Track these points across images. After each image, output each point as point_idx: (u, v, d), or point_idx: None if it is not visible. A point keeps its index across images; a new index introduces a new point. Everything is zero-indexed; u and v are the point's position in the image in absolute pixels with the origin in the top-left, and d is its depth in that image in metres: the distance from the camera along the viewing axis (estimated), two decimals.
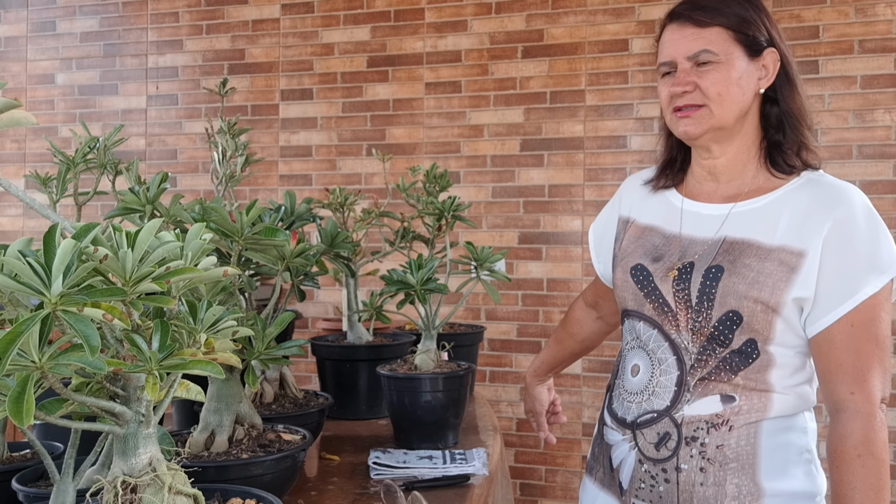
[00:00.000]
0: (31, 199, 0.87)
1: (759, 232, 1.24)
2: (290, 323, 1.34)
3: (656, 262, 1.32)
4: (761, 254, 1.22)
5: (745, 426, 1.22)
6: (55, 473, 0.96)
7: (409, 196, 2.11)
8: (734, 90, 1.24)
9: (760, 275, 1.20)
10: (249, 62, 3.80)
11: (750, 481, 1.22)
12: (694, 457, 1.24)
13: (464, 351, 2.21)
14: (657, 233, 1.36)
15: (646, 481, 1.28)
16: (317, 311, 3.65)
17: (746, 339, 1.22)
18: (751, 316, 1.20)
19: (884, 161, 3.04)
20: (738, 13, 1.25)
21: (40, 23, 4.08)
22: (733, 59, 1.24)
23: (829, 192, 1.22)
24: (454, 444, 1.80)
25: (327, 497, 1.44)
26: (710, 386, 1.24)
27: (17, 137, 4.11)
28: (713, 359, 1.24)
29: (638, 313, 1.33)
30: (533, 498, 3.41)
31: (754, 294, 1.20)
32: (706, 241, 1.28)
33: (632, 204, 1.44)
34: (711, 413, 1.23)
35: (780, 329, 1.21)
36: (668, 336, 1.28)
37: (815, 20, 3.11)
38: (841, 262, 1.18)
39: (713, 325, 1.23)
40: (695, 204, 1.33)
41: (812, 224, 1.20)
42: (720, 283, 1.22)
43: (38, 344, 0.71)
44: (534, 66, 3.43)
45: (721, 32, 1.24)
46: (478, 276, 1.84)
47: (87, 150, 1.57)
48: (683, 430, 1.25)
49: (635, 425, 1.31)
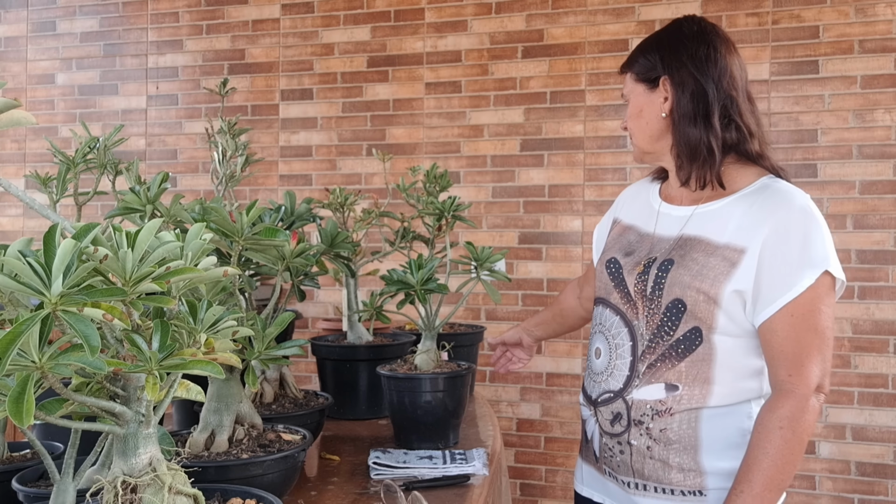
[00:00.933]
0: (32, 199, 0.87)
1: (710, 231, 1.38)
2: (290, 323, 1.34)
3: (628, 256, 1.49)
4: (709, 250, 1.36)
5: (686, 412, 1.36)
6: (55, 473, 0.96)
7: (409, 196, 2.11)
8: (639, 121, 1.47)
9: (704, 268, 1.34)
10: (249, 62, 3.80)
11: (692, 460, 1.36)
12: (642, 435, 1.39)
13: (464, 351, 2.21)
14: (634, 231, 1.54)
15: (607, 452, 1.47)
16: (317, 311, 3.65)
17: (691, 326, 1.35)
18: (694, 304, 1.34)
19: (884, 161, 3.04)
20: (641, 58, 1.48)
21: (40, 23, 4.08)
22: (636, 95, 1.48)
23: (775, 196, 1.35)
24: (454, 444, 1.80)
25: (327, 497, 1.44)
26: (658, 373, 1.38)
27: (18, 137, 4.11)
28: (661, 346, 1.38)
29: (606, 301, 1.50)
30: (533, 498, 3.41)
31: (697, 284, 1.34)
32: (670, 238, 1.44)
33: (623, 206, 1.63)
34: (655, 399, 1.38)
35: (722, 321, 1.34)
36: (630, 323, 1.44)
37: (816, 20, 3.11)
38: (778, 258, 1.30)
39: (662, 313, 1.38)
40: (668, 206, 1.50)
41: (755, 225, 1.33)
42: (669, 275, 1.37)
43: (38, 344, 0.71)
44: (534, 66, 3.43)
45: (629, 76, 1.51)
46: (478, 276, 1.84)
47: (88, 150, 1.57)
48: (632, 412, 1.41)
49: (596, 403, 1.48)
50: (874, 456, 3.02)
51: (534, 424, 3.42)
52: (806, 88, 3.12)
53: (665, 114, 1.44)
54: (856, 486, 3.04)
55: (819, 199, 3.11)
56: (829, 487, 3.06)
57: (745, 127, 1.41)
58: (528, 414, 3.43)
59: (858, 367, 3.05)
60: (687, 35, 1.45)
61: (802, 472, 3.09)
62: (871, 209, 3.05)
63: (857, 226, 3.07)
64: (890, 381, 3.02)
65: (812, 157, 3.11)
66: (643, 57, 1.48)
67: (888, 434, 3.01)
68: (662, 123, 1.44)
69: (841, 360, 3.07)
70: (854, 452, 3.04)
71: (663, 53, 1.45)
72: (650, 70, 1.46)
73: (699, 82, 1.40)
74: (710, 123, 1.39)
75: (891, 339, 3.02)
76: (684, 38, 1.45)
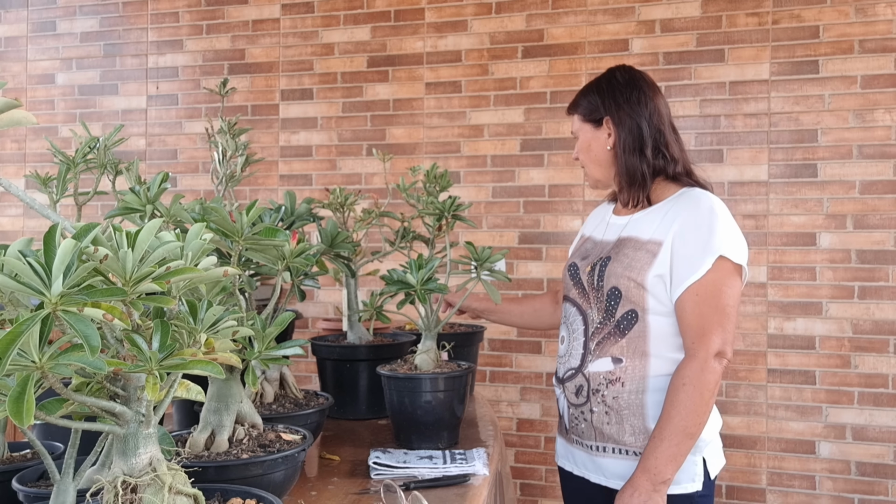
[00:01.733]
0: (32, 199, 0.87)
1: (639, 231, 1.68)
2: (290, 323, 1.34)
3: (584, 259, 1.78)
4: (637, 246, 1.66)
5: (633, 381, 1.63)
6: (55, 473, 0.96)
7: (409, 196, 2.11)
8: (590, 153, 1.79)
9: (633, 260, 1.64)
10: (249, 62, 3.80)
11: (641, 424, 1.63)
12: (599, 403, 1.66)
13: (464, 351, 2.21)
14: (591, 240, 1.83)
15: (574, 421, 1.74)
16: (317, 311, 3.65)
17: (628, 309, 1.64)
18: (627, 290, 1.63)
19: (884, 161, 3.04)
20: (584, 101, 1.79)
21: (40, 23, 4.08)
22: (585, 133, 1.79)
23: (688, 199, 1.65)
24: (454, 444, 1.80)
25: (327, 497, 1.45)
26: (605, 348, 1.66)
27: (18, 137, 4.11)
28: (607, 326, 1.67)
29: (568, 297, 1.79)
30: (533, 498, 3.41)
31: (627, 273, 1.63)
32: (610, 242, 1.74)
33: (588, 224, 1.93)
34: (606, 370, 1.66)
35: (652, 302, 1.62)
36: (584, 312, 1.73)
37: (816, 20, 3.11)
38: (685, 247, 1.59)
39: (605, 300, 1.67)
40: (615, 217, 1.80)
41: (670, 221, 1.63)
42: (607, 268, 1.67)
43: (38, 344, 0.71)
44: (534, 66, 3.43)
45: (577, 117, 1.82)
46: (478, 276, 1.84)
47: (88, 150, 1.57)
48: (591, 383, 1.68)
49: (563, 380, 1.76)
50: (874, 456, 3.02)
51: (534, 424, 3.42)
52: (806, 88, 3.12)
53: (609, 147, 1.75)
54: (856, 487, 3.04)
55: (819, 199, 3.11)
56: (829, 487, 3.06)
57: (670, 155, 1.71)
58: (528, 414, 3.43)
59: (858, 367, 3.05)
60: (620, 82, 1.75)
61: (802, 471, 3.09)
62: (871, 209, 3.05)
63: (857, 226, 3.07)
64: (890, 381, 3.02)
65: (812, 157, 3.11)
66: (586, 101, 1.78)
67: (888, 434, 3.01)
68: (608, 155, 1.76)
69: (841, 360, 3.07)
70: (854, 452, 3.04)
71: (603, 98, 1.76)
72: (594, 112, 1.76)
73: (634, 121, 1.71)
74: (644, 154, 1.70)
75: (891, 339, 3.02)
76: (619, 85, 1.75)
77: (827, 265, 3.10)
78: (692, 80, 3.24)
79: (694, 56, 3.24)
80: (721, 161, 3.21)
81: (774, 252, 3.15)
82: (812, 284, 3.11)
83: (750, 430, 3.16)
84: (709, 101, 3.23)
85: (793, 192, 3.14)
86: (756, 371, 3.16)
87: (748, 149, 3.19)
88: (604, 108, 1.75)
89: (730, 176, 3.20)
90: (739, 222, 3.18)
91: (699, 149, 3.23)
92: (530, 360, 3.42)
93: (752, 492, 3.16)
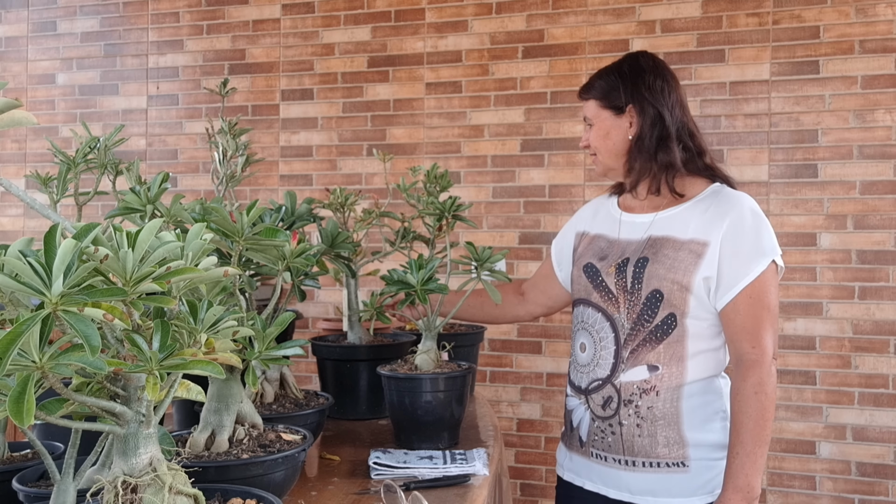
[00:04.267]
0: (32, 199, 0.87)
1: (675, 230, 1.62)
2: (290, 323, 1.34)
3: (602, 260, 1.69)
4: (676, 245, 1.59)
5: (669, 390, 1.58)
6: (56, 473, 0.96)
7: (409, 196, 2.11)
8: (607, 142, 1.70)
9: (675, 261, 1.58)
10: (250, 62, 3.81)
11: (676, 434, 1.58)
12: (631, 415, 1.60)
13: (464, 351, 2.21)
14: (604, 239, 1.74)
15: (598, 435, 1.65)
16: (317, 312, 3.65)
17: (668, 313, 1.58)
18: (670, 293, 1.57)
19: (884, 161, 3.04)
20: (603, 87, 1.70)
21: (41, 23, 4.08)
22: (602, 120, 1.70)
23: (728, 199, 1.61)
24: (454, 445, 1.80)
25: (327, 497, 1.45)
26: (640, 356, 1.60)
27: (18, 137, 4.11)
28: (642, 332, 1.60)
29: (587, 301, 1.71)
30: (533, 498, 3.41)
31: (671, 276, 1.57)
32: (638, 241, 1.66)
33: (585, 221, 1.85)
34: (641, 380, 1.60)
35: (693, 305, 1.57)
36: (610, 317, 1.65)
37: (816, 20, 3.11)
38: (736, 249, 1.55)
39: (642, 303, 1.60)
40: (629, 215, 1.72)
41: (713, 223, 1.58)
42: (646, 270, 1.60)
43: (38, 344, 0.71)
44: (534, 66, 3.43)
45: (594, 103, 1.71)
46: (478, 276, 1.84)
47: (88, 150, 1.57)
48: (622, 393, 1.61)
49: (587, 391, 1.67)
50: (875, 456, 3.02)
51: (534, 424, 3.42)
52: (806, 89, 3.12)
53: (631, 136, 1.67)
54: (856, 487, 3.04)
55: (819, 199, 3.11)
56: (830, 488, 3.06)
57: (696, 147, 1.67)
58: (528, 414, 3.43)
59: (859, 367, 3.05)
60: (645, 69, 1.68)
61: (803, 472, 3.09)
62: (871, 209, 3.05)
63: (857, 226, 3.07)
64: (890, 381, 3.02)
65: (812, 158, 3.11)
66: (608, 86, 1.70)
67: (889, 434, 3.01)
68: (628, 144, 1.68)
69: (841, 360, 3.07)
70: (854, 453, 3.04)
71: (626, 84, 1.68)
72: (616, 99, 1.68)
73: (657, 110, 1.65)
74: (669, 146, 1.64)
75: (891, 339, 3.02)
76: (643, 72, 1.68)
77: (827, 265, 3.10)
78: (692, 80, 3.24)
79: (694, 56, 3.24)
80: (721, 161, 3.21)
81: None
82: (812, 285, 3.11)
83: None
84: (709, 102, 3.23)
85: (793, 192, 3.14)
86: None
87: (748, 149, 3.19)
88: (628, 95, 1.66)
89: None
90: None
91: None
92: (531, 361, 3.42)
93: None
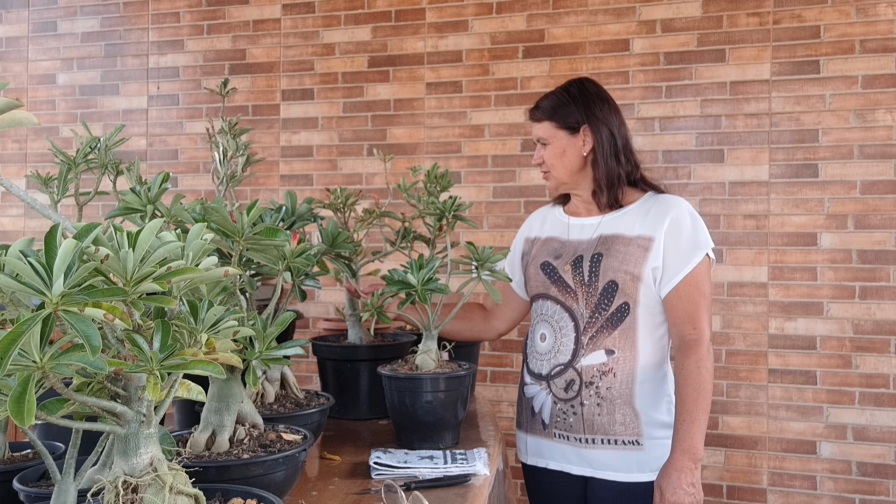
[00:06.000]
0: (33, 200, 0.87)
1: (622, 228, 1.86)
2: (291, 323, 1.34)
3: (557, 259, 1.92)
4: (625, 241, 1.83)
5: (625, 373, 1.80)
6: (56, 473, 0.96)
7: (409, 196, 2.11)
8: (563, 159, 1.91)
9: (627, 255, 1.81)
10: (250, 62, 3.81)
11: (630, 410, 1.80)
12: (592, 395, 1.81)
13: (465, 351, 2.21)
14: (556, 240, 1.97)
15: (560, 416, 1.86)
16: (318, 311, 3.65)
17: (622, 302, 1.81)
18: (623, 283, 1.80)
19: (885, 161, 3.04)
20: (557, 109, 1.91)
21: (41, 23, 4.08)
22: (558, 139, 1.91)
23: (666, 202, 1.85)
24: (455, 445, 1.80)
25: (328, 497, 1.45)
26: (598, 342, 1.82)
27: (19, 137, 4.11)
28: (600, 320, 1.82)
29: (545, 295, 1.92)
30: None
31: (624, 267, 1.80)
32: (588, 240, 1.90)
33: (535, 228, 2.07)
34: (600, 363, 1.81)
35: (643, 293, 1.80)
36: (569, 308, 1.87)
37: (817, 20, 3.11)
38: (677, 243, 1.80)
39: (599, 294, 1.82)
40: (577, 219, 1.96)
41: (657, 221, 1.82)
42: (602, 263, 1.83)
43: (39, 344, 0.71)
44: (535, 66, 3.43)
45: (548, 124, 1.92)
46: (479, 276, 1.84)
47: (89, 151, 1.57)
48: (583, 376, 1.82)
49: (549, 377, 1.88)
50: (875, 456, 3.02)
51: None
52: (807, 88, 3.12)
53: (585, 153, 1.89)
54: (857, 487, 3.04)
55: (820, 199, 3.11)
56: (830, 487, 3.06)
57: (634, 161, 1.93)
58: None
59: (859, 367, 3.05)
60: (592, 93, 1.91)
61: (803, 472, 3.09)
62: (872, 209, 3.05)
63: (858, 226, 3.06)
64: (891, 381, 3.01)
65: (813, 157, 3.11)
66: (562, 109, 1.90)
67: (889, 434, 3.01)
68: (582, 161, 1.90)
69: (842, 360, 3.07)
70: (855, 453, 3.04)
71: (579, 106, 1.89)
72: (571, 120, 1.89)
73: (608, 129, 1.88)
74: (619, 160, 1.89)
75: (891, 339, 3.02)
76: (592, 96, 1.91)
77: (828, 265, 3.10)
78: (693, 80, 3.24)
79: (695, 56, 3.24)
80: (722, 161, 3.21)
81: (775, 252, 3.15)
82: (813, 284, 3.11)
83: (751, 430, 3.16)
84: (709, 101, 3.23)
85: (794, 192, 3.14)
86: (757, 371, 3.16)
87: (749, 149, 3.19)
88: (581, 116, 1.88)
89: (730, 176, 3.20)
90: (740, 222, 3.19)
91: (700, 149, 3.23)
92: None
93: (752, 492, 3.16)
